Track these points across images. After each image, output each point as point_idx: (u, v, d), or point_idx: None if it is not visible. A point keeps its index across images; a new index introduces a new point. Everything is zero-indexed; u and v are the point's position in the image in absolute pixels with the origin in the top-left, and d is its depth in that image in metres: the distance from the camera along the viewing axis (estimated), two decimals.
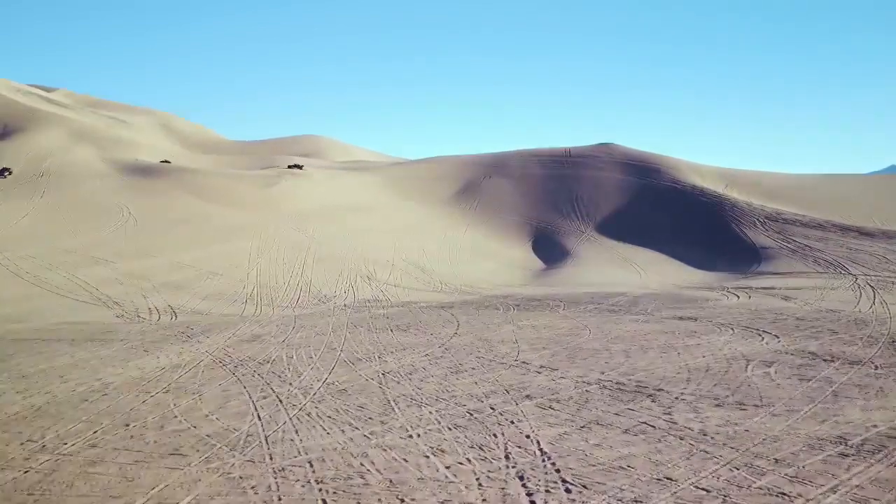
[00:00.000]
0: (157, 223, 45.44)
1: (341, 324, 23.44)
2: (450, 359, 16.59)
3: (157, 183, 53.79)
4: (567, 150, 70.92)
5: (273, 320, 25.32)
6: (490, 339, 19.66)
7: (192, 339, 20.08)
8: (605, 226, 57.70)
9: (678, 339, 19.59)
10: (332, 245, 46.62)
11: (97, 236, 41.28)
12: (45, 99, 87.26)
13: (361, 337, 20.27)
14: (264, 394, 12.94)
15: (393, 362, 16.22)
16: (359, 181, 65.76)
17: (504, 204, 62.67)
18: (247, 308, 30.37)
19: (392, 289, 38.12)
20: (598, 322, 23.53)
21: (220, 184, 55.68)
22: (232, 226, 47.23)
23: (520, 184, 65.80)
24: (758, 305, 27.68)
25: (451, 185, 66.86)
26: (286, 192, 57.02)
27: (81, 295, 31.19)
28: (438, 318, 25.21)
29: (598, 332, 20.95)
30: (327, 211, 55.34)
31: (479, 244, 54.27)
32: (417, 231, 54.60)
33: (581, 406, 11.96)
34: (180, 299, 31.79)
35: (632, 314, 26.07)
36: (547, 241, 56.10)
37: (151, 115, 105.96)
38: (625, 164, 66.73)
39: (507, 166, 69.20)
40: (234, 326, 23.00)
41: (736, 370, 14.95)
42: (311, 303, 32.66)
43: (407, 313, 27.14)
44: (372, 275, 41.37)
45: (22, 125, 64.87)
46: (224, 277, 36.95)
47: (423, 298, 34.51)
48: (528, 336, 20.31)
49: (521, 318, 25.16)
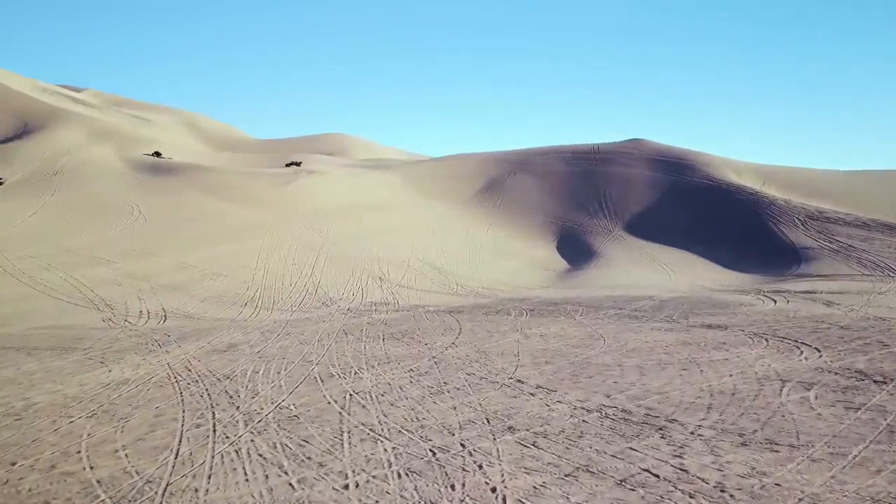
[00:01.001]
0: (167, 222, 44.14)
1: (332, 331, 21.51)
2: (435, 376, 14.50)
3: (171, 181, 52.64)
4: (595, 147, 68.21)
5: (262, 326, 23.50)
6: (489, 351, 17.51)
7: (163, 348, 18.33)
8: (633, 224, 54.99)
9: (703, 352, 17.20)
10: (346, 245, 44.84)
11: (103, 235, 40.08)
12: (70, 98, 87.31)
13: (347, 347, 18.29)
14: (200, 420, 11.02)
15: (369, 379, 14.18)
16: (379, 179, 63.97)
17: (528, 202, 60.30)
18: (243, 312, 28.66)
19: (403, 291, 36.15)
20: (616, 330, 21.20)
21: (235, 182, 54.35)
22: (244, 225, 45.74)
23: (545, 181, 63.34)
24: (796, 311, 25.02)
25: (473, 183, 64.68)
26: (303, 191, 55.45)
27: (75, 297, 29.82)
28: (441, 324, 23.13)
29: (613, 343, 18.65)
30: (345, 210, 53.62)
31: (500, 244, 52.05)
32: (437, 230, 52.58)
33: (572, 443, 9.76)
34: (177, 301, 30.23)
35: (655, 321, 23.66)
36: (572, 240, 53.62)
37: (177, 114, 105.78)
38: (655, 161, 63.81)
39: (531, 164, 66.77)
40: (217, 333, 21.22)
41: (768, 394, 12.58)
42: (313, 306, 30.84)
43: (409, 319, 25.11)
44: (384, 276, 39.48)
45: (42, 124, 64.46)
46: (228, 278, 35.38)
47: (433, 301, 32.47)
48: (533, 347, 18.11)
49: (531, 324, 22.94)
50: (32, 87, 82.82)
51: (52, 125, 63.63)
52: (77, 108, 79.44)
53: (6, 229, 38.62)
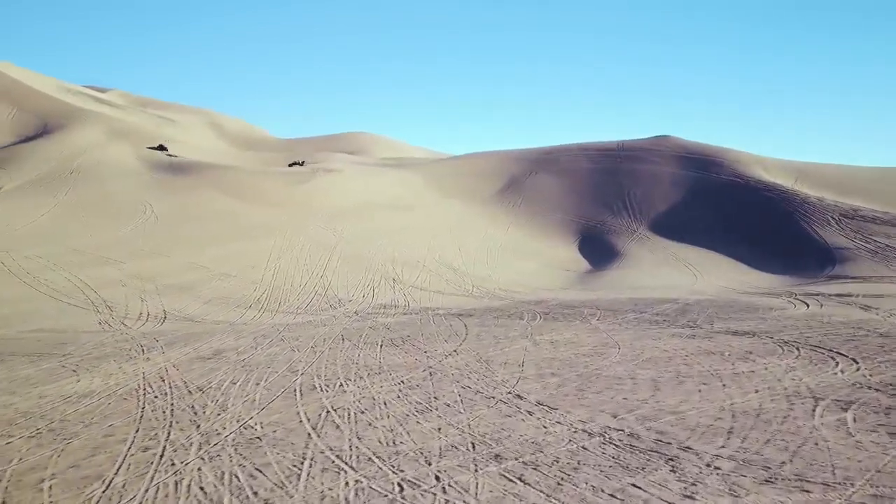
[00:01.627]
0: (179, 221, 43.44)
1: (329, 336, 20.31)
2: (426, 389, 13.19)
3: (186, 180, 52.03)
4: (620, 144, 66.32)
5: (259, 330, 22.40)
6: (491, 360, 16.15)
7: (146, 354, 17.29)
8: (659, 224, 53.11)
9: (727, 362, 15.65)
10: (361, 245, 43.74)
11: (113, 235, 39.44)
12: (93, 98, 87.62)
13: (340, 354, 17.07)
14: (151, 443, 9.86)
15: (353, 393, 12.93)
16: (398, 178, 62.82)
17: (550, 201, 58.69)
18: (246, 314, 27.63)
19: (416, 292, 34.91)
20: (633, 337, 19.69)
21: (249, 181, 53.58)
22: (256, 224, 44.89)
23: (567, 180, 61.65)
24: (831, 317, 23.25)
25: (494, 181, 63.22)
26: (319, 190, 54.50)
27: (76, 298, 29.06)
28: (447, 329, 21.81)
29: (628, 352, 17.16)
30: (361, 209, 52.54)
31: (520, 244, 50.57)
32: (456, 230, 51.27)
33: (566, 477, 8.38)
34: (180, 303, 29.34)
35: (677, 326, 22.09)
36: (595, 240, 51.93)
37: (201, 113, 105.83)
38: (683, 158, 61.75)
39: (554, 161, 65.10)
40: (208, 338, 20.15)
41: (799, 416, 11.06)
42: (320, 308, 29.73)
43: (414, 323, 23.83)
44: (398, 277, 38.28)
45: (62, 123, 64.41)
46: (237, 279, 34.46)
47: (445, 304, 31.17)
48: (541, 356, 16.71)
49: (543, 330, 21.52)
50: (55, 87, 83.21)
51: (72, 125, 63.54)
52: (99, 107, 79.57)
53: (16, 228, 38.17)
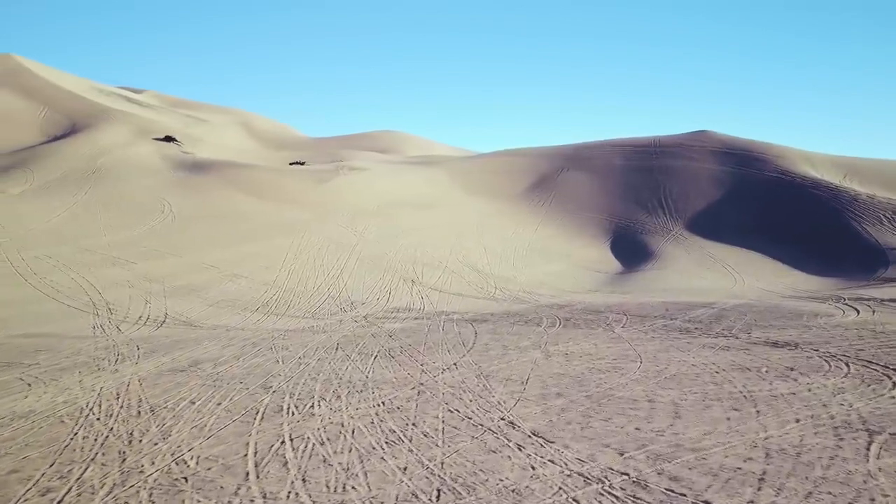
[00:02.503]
0: (196, 221, 42.46)
1: (325, 345, 18.71)
2: (407, 413, 11.44)
3: (207, 179, 51.17)
4: (656, 140, 63.62)
5: (253, 337, 20.91)
6: (493, 376, 14.32)
7: (116, 364, 15.87)
8: (696, 223, 50.48)
9: (763, 381, 13.57)
10: (382, 244, 42.22)
11: (128, 234, 38.57)
12: (125, 98, 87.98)
13: (327, 367, 15.42)
14: (56, 483, 8.30)
15: (322, 417, 11.24)
16: (424, 176, 61.20)
17: (581, 199, 56.41)
18: (249, 318, 26.23)
19: (434, 295, 33.21)
20: (658, 348, 17.66)
21: (271, 179, 52.50)
22: (275, 223, 43.69)
23: (600, 177, 59.25)
24: (885, 325, 20.85)
25: (523, 179, 61.16)
26: (341, 188, 53.17)
27: (79, 300, 28.03)
28: (454, 337, 20.02)
29: (651, 367, 15.16)
30: (385, 208, 51.05)
31: (549, 244, 48.50)
32: (482, 229, 49.43)
33: None
34: (185, 305, 28.12)
35: (710, 335, 19.96)
36: (628, 240, 49.56)
37: (233, 113, 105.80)
38: (723, 153, 58.85)
39: (586, 158, 62.73)
40: (194, 346, 18.71)
41: (849, 456, 9.02)
42: (328, 312, 28.20)
43: (422, 329, 22.10)
44: (417, 278, 36.62)
45: (90, 123, 64.34)
46: (248, 280, 33.19)
47: (462, 307, 29.39)
48: (550, 371, 14.82)
49: (559, 338, 19.59)
50: (87, 87, 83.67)
51: (98, 124, 63.41)
52: (129, 107, 79.72)
53: (30, 228, 37.51)
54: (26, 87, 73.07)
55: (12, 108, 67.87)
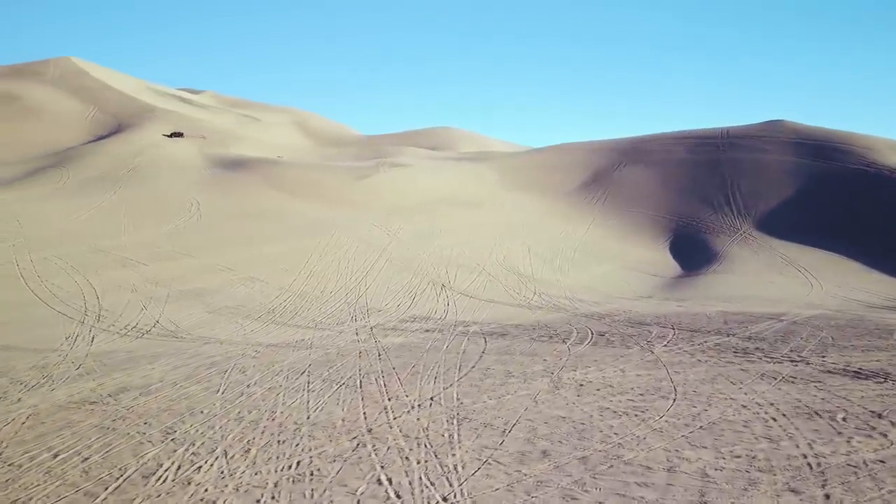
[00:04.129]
0: (222, 220, 40.48)
1: (295, 366, 15.75)
2: (321, 483, 8.26)
3: (243, 177, 49.38)
4: (723, 131, 58.45)
5: (228, 352, 18.19)
6: (469, 420, 11.01)
7: (30, 390, 13.29)
8: (768, 221, 45.53)
9: (840, 437, 9.78)
10: (416, 245, 39.22)
11: (148, 235, 36.81)
12: (179, 99, 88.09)
13: (273, 400, 12.43)
14: None
15: (200, 488, 8.20)
16: (471, 173, 57.92)
17: (638, 196, 52.01)
18: (244, 328, 23.59)
19: (462, 301, 29.96)
20: (703, 377, 13.94)
21: (309, 177, 50.31)
22: (306, 223, 41.29)
23: (660, 172, 54.63)
24: None
25: (577, 174, 57.10)
26: (380, 185, 50.49)
27: (73, 305, 26.04)
28: (454, 358, 16.74)
29: (686, 408, 11.53)
30: (424, 205, 48.08)
31: (601, 244, 44.51)
32: (528, 228, 45.83)
33: None
34: (183, 312, 25.77)
35: (772, 359, 16.05)
36: (689, 240, 45.06)
37: (288, 112, 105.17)
38: (799, 145, 53.32)
39: (645, 152, 58.13)
40: (145, 365, 16.11)
41: None
42: (337, 321, 25.33)
43: (423, 346, 18.90)
44: (448, 282, 33.42)
45: (135, 122, 63.94)
46: (263, 284, 30.71)
47: (488, 317, 26.04)
48: (549, 412, 11.39)
49: (581, 361, 16.05)
50: (142, 87, 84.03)
51: (143, 123, 62.90)
52: (179, 107, 79.52)
53: (49, 228, 36.17)
54: (80, 88, 73.65)
55: (64, 108, 68.31)
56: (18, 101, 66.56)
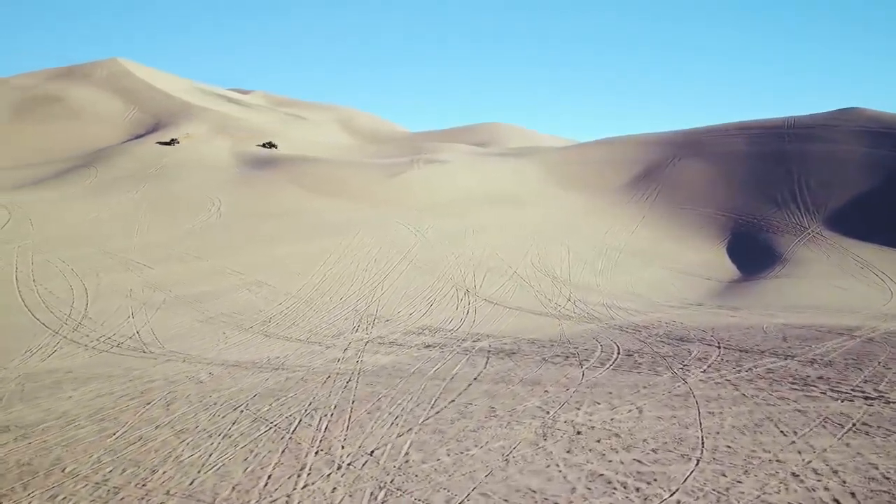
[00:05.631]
0: (242, 220, 38.45)
1: (235, 398, 13.08)
2: None
3: (270, 175, 47.42)
4: (790, 121, 53.44)
5: (169, 377, 15.67)
6: (409, 489, 8.07)
7: None
8: (839, 219, 40.80)
9: None
10: (444, 246, 36.31)
11: (162, 235, 35.00)
12: (225, 98, 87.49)
13: (154, 452, 9.71)
14: None
15: None
16: (512, 169, 54.61)
17: (693, 192, 47.77)
18: (230, 340, 21.14)
19: (485, 309, 26.94)
20: (745, 422, 10.60)
21: (338, 175, 47.98)
22: (328, 222, 38.88)
23: (719, 166, 50.17)
24: None
25: (626, 170, 53.09)
26: (413, 183, 47.75)
27: (56, 312, 24.17)
28: (435, 386, 13.77)
29: (712, 475, 8.28)
30: (458, 204, 45.13)
31: (649, 245, 40.67)
32: (570, 228, 42.34)
33: None
34: (171, 321, 23.57)
35: (839, 394, 12.53)
36: (749, 240, 40.77)
37: (334, 110, 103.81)
38: (875, 134, 48.04)
39: (702, 144, 53.64)
40: (72, 389, 13.67)
41: None
42: (334, 332, 22.64)
43: (409, 368, 15.98)
44: (473, 287, 30.41)
45: (173, 121, 63.06)
46: (269, 288, 28.37)
47: (504, 328, 22.93)
48: (519, 481, 8.32)
49: (590, 394, 12.84)
50: (186, 87, 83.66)
51: (179, 122, 61.92)
52: (222, 106, 78.68)
53: (62, 229, 34.74)
54: (123, 88, 73.51)
55: (105, 109, 68.11)
56: (61, 102, 66.65)
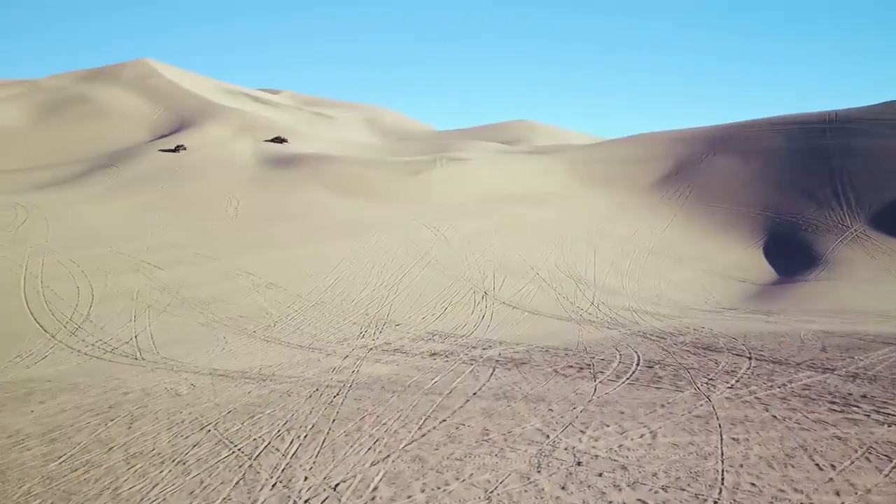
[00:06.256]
0: (259, 220, 37.67)
1: (201, 416, 11.95)
2: None
3: (290, 174, 46.65)
4: (831, 115, 50.93)
5: (160, 383, 14.66)
6: None
7: None
8: (885, 218, 38.54)
9: None
10: (463, 247, 35.04)
11: (176, 236, 34.33)
12: (252, 98, 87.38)
13: (90, 484, 8.60)
14: None
15: None
16: (538, 167, 53.05)
17: (728, 190, 45.71)
18: (226, 346, 20.13)
19: (502, 312, 25.61)
20: (773, 451, 9.11)
21: (358, 173, 47.00)
22: (346, 221, 37.88)
23: (755, 162, 47.99)
24: None
25: (657, 167, 51.16)
26: (434, 182, 46.56)
27: (56, 316, 23.53)
28: (427, 404, 12.50)
29: None
30: (482, 202, 43.83)
31: (680, 245, 38.86)
32: (596, 227, 40.73)
33: None
34: (172, 325, 22.74)
35: (885, 416, 11.01)
36: (787, 240, 38.71)
37: (362, 109, 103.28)
38: None
39: (738, 140, 51.44)
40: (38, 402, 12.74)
41: None
42: (340, 337, 21.52)
43: (407, 381, 14.74)
44: (491, 289, 29.09)
45: (197, 121, 62.82)
46: (279, 291, 27.41)
47: (520, 334, 21.56)
48: None
49: (599, 414, 11.44)
50: (213, 87, 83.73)
51: (204, 122, 61.63)
52: (249, 105, 78.49)
53: (77, 230, 34.28)
54: (150, 89, 73.72)
55: (131, 109, 68.27)
56: (88, 102, 66.96)
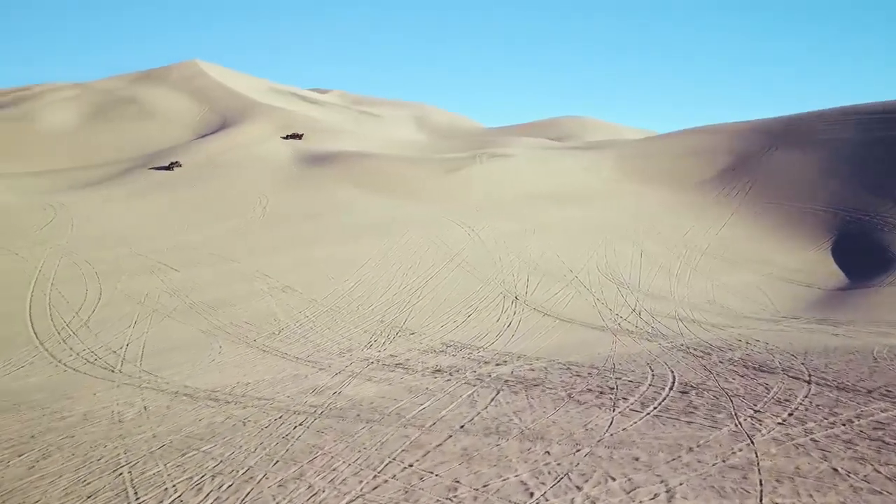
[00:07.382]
0: (286, 220, 36.29)
1: (129, 450, 10.13)
2: None
3: (324, 172, 45.25)
4: None
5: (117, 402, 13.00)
6: None
7: None
8: None
9: None
10: (498, 247, 32.82)
11: (201, 236, 33.21)
12: (299, 97, 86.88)
13: None
14: None
15: None
16: (585, 163, 50.27)
17: (792, 186, 42.08)
18: (217, 358, 18.48)
19: (531, 319, 23.35)
20: None
21: (395, 170, 45.24)
22: (375, 221, 36.12)
23: (822, 156, 44.14)
24: None
25: (714, 161, 47.74)
26: (472, 179, 44.41)
27: (55, 320, 22.51)
28: (399, 440, 10.41)
29: None
30: (522, 201, 41.48)
31: (737, 246, 35.68)
32: (645, 227, 37.87)
33: None
34: (169, 332, 21.39)
35: None
36: (859, 240, 35.08)
37: (410, 107, 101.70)
38: None
39: (804, 132, 47.54)
40: None
41: None
42: (344, 348, 19.62)
43: (388, 406, 12.66)
44: (524, 293, 26.79)
45: (238, 120, 62.25)
46: (294, 295, 25.79)
47: (546, 346, 19.25)
48: None
49: (607, 461, 9.12)
50: (260, 87, 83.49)
51: (245, 121, 61.00)
52: (295, 105, 77.86)
53: (100, 230, 33.53)
54: (196, 89, 73.76)
55: (177, 109, 68.29)
56: (135, 103, 67.29)
